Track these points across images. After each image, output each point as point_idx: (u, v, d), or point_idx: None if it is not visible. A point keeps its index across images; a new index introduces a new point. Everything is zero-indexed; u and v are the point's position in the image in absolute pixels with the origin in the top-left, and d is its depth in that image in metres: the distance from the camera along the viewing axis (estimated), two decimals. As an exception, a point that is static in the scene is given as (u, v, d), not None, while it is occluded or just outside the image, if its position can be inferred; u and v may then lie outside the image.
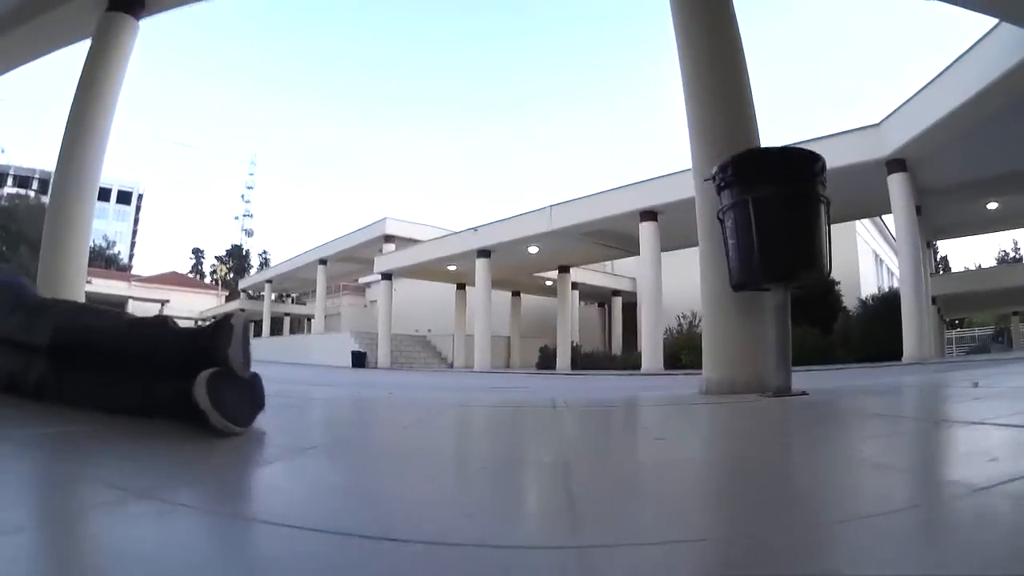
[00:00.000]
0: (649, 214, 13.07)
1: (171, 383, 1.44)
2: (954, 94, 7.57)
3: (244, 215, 57.78)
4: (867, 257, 20.55)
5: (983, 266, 36.54)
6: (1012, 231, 31.55)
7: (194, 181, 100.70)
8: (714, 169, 3.23)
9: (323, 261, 26.02)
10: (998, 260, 43.97)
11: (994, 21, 6.48)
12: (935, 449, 1.57)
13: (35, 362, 1.54)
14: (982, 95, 7.01)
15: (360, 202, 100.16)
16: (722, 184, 3.14)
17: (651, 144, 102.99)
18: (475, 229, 18.38)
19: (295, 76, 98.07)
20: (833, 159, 3.83)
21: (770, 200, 2.98)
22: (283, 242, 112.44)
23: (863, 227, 19.51)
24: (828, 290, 13.32)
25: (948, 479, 1.18)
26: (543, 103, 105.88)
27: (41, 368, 1.53)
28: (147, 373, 1.49)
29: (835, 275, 14.92)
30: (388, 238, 23.98)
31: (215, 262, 58.53)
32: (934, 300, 14.98)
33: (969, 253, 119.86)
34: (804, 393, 3.12)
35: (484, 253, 17.69)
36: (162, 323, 1.61)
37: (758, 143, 3.81)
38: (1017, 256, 43.39)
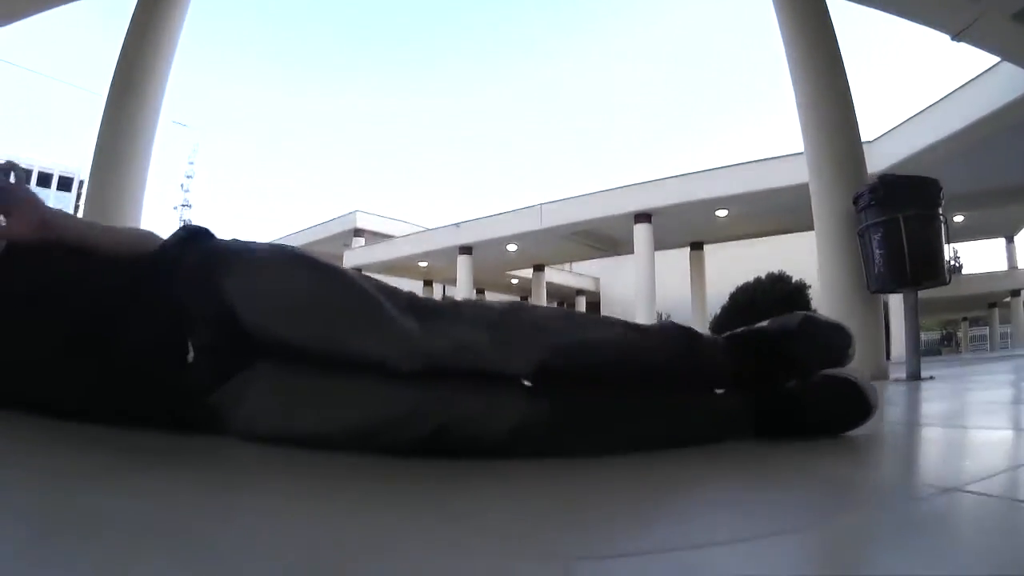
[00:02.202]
0: (643, 216, 13.71)
1: (729, 396, 1.18)
2: (947, 122, 8.57)
3: (183, 205, 55.20)
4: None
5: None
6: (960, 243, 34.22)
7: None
8: (860, 191, 3.79)
9: (284, 254, 25.49)
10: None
11: (994, 59, 7.43)
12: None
13: (508, 399, 0.97)
14: (978, 123, 8.00)
15: (310, 198, 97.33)
16: (871, 203, 3.70)
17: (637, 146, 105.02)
18: (457, 225, 18.61)
19: (242, 59, 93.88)
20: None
21: (916, 219, 3.57)
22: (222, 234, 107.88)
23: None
24: (799, 291, 14.20)
25: None
26: (522, 106, 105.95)
27: (521, 408, 0.96)
28: (699, 387, 1.17)
29: (806, 278, 15.18)
30: (358, 232, 23.79)
31: (153, 252, 55.55)
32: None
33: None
34: (931, 377, 3.71)
35: (466, 250, 17.94)
36: (673, 326, 1.22)
37: (865, 165, 4.43)
38: (958, 265, 46.76)
